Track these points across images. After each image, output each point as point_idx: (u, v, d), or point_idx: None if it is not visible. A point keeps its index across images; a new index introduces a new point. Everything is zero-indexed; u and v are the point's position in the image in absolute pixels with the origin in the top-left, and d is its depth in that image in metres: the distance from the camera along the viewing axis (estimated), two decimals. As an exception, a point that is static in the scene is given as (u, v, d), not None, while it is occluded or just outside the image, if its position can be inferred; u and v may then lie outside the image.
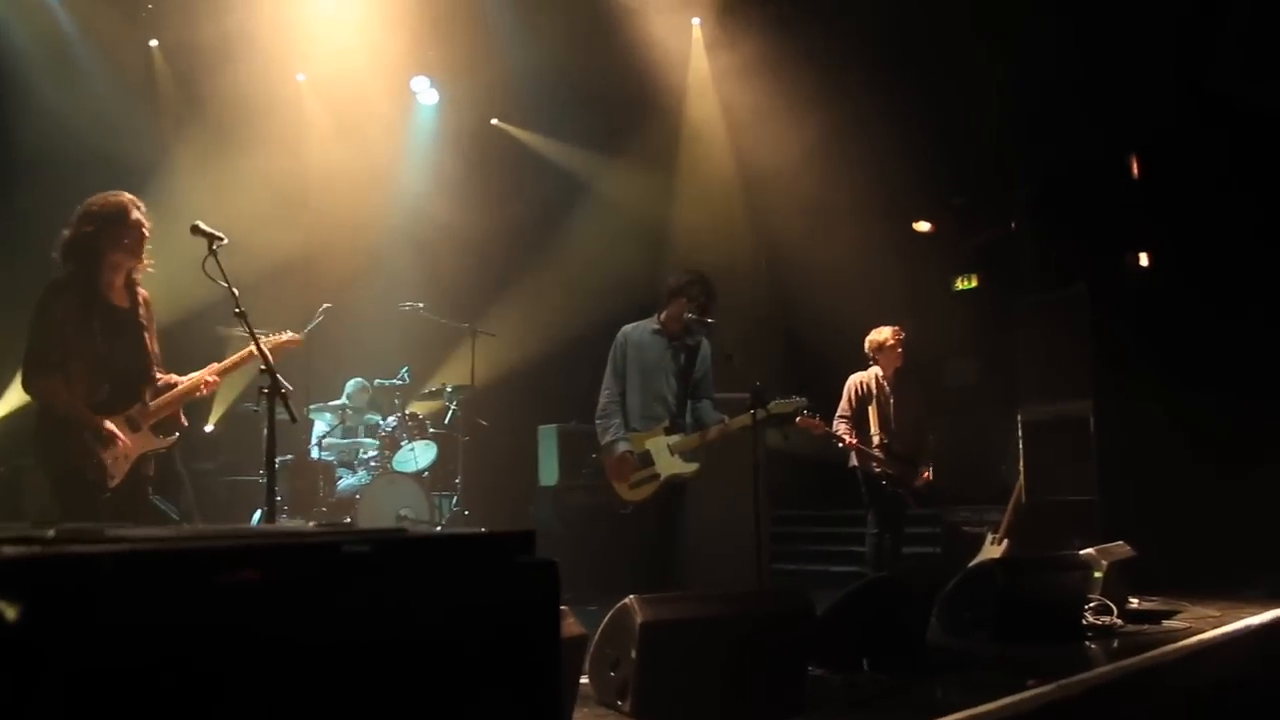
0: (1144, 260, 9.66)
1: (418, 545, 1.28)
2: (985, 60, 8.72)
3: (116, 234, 4.29)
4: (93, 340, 4.24)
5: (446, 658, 1.23)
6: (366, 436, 8.71)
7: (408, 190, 10.53)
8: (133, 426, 4.32)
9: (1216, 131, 8.54)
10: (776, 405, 5.68)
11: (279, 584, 1.09)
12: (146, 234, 4.38)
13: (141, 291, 4.52)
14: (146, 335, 4.48)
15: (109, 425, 4.21)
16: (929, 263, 10.71)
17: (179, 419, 4.60)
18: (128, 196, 4.37)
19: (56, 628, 0.94)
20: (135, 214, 4.33)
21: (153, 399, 4.44)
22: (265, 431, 7.67)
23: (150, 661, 1.00)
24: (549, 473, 8.54)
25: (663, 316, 5.77)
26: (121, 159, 8.39)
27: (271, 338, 4.58)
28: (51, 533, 1.34)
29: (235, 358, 4.60)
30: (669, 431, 5.63)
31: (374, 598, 1.17)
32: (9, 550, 0.94)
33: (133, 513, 4.31)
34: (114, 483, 4.23)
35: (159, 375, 4.55)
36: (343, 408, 8.63)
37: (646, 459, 5.56)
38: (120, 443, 4.24)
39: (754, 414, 5.53)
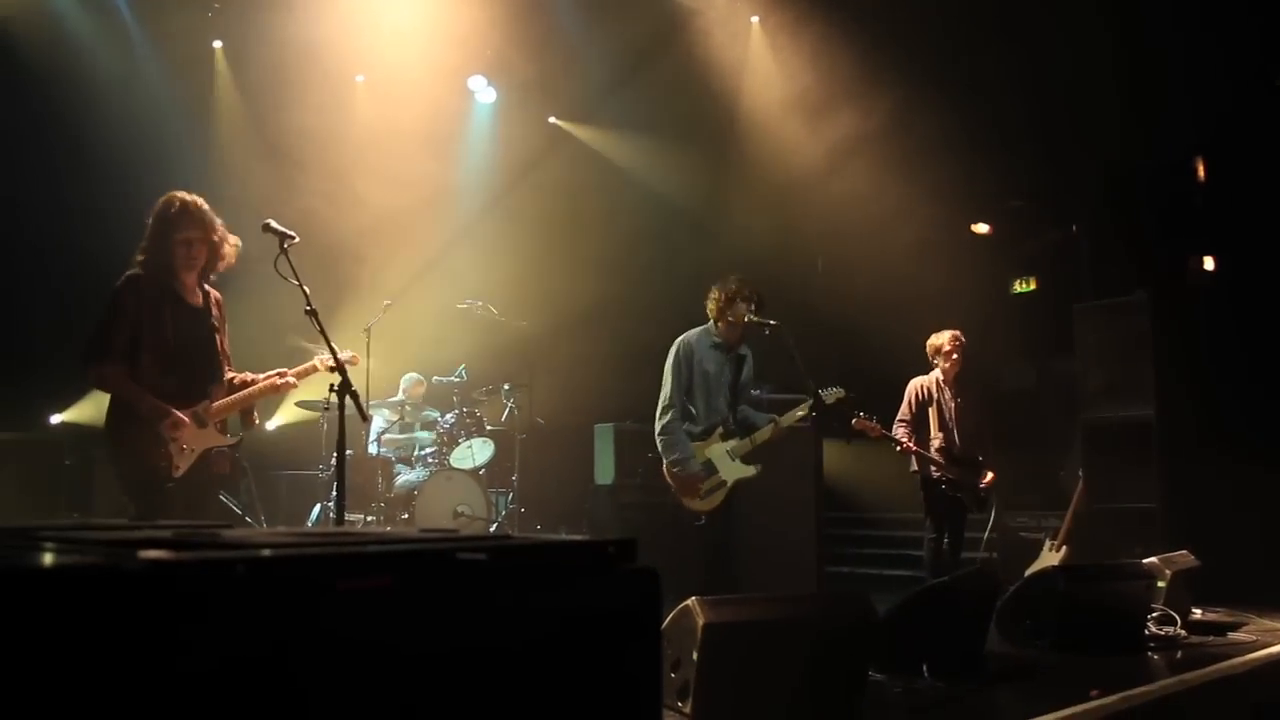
0: (1208, 264, 9.49)
1: (527, 552, 1.31)
2: (1047, 59, 8.62)
3: (176, 226, 4.40)
4: (164, 332, 4.34)
5: (554, 664, 1.26)
6: (424, 432, 8.81)
7: (466, 188, 10.63)
8: (198, 422, 4.40)
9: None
10: (826, 395, 5.66)
11: (397, 589, 1.12)
12: (206, 217, 4.46)
13: (214, 293, 4.63)
14: (218, 335, 4.59)
15: (168, 408, 4.29)
16: (987, 265, 10.59)
17: (252, 416, 4.69)
18: (177, 192, 4.48)
19: (195, 630, 0.98)
20: (186, 204, 4.44)
21: (221, 398, 4.52)
22: (325, 427, 7.90)
23: (277, 662, 1.04)
24: (605, 471, 8.58)
25: (720, 327, 5.77)
26: (185, 159, 8.59)
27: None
28: (169, 533, 1.39)
29: (310, 363, 4.68)
30: (724, 438, 5.67)
31: (486, 604, 1.20)
32: (153, 555, 0.98)
33: (199, 506, 4.38)
34: (178, 474, 4.31)
35: (233, 374, 4.65)
36: (401, 404, 8.74)
37: (710, 468, 5.63)
38: (183, 433, 4.32)
39: (812, 411, 5.55)
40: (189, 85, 9.44)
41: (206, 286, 4.59)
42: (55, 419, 8.64)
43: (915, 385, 7.11)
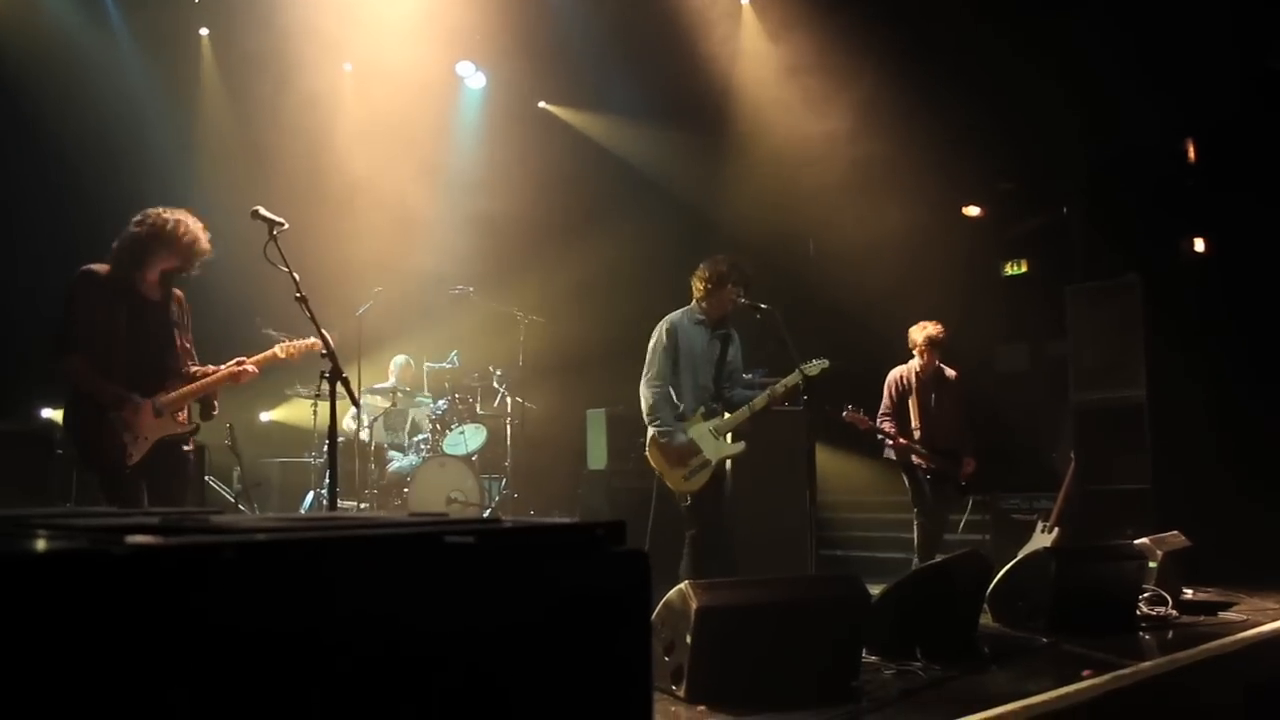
0: (1200, 246, 9.50)
1: (515, 535, 1.31)
2: (1039, 41, 8.60)
3: (163, 250, 4.47)
4: (117, 326, 4.40)
5: (543, 646, 1.26)
6: (416, 419, 8.81)
7: (456, 174, 10.60)
8: (155, 412, 4.45)
9: (1277, 114, 8.36)
10: (808, 367, 5.61)
11: (386, 574, 1.12)
12: (197, 250, 4.51)
13: (176, 291, 4.66)
14: (176, 331, 4.62)
15: (125, 393, 4.35)
16: (978, 247, 10.59)
17: (212, 406, 4.70)
18: (181, 218, 4.50)
19: (182, 615, 0.97)
20: (186, 237, 4.47)
21: (175, 389, 4.55)
22: (315, 414, 7.88)
23: (265, 647, 1.04)
24: (597, 456, 8.59)
25: (705, 306, 5.75)
26: (171, 147, 8.54)
27: (297, 342, 4.70)
28: (157, 519, 1.38)
29: (270, 351, 4.71)
30: (706, 417, 5.66)
31: (474, 587, 1.20)
32: (140, 540, 0.97)
33: (162, 493, 4.43)
34: (131, 461, 4.36)
35: (194, 367, 4.68)
36: (393, 390, 8.73)
37: (694, 447, 5.60)
38: (141, 421, 4.38)
39: (802, 385, 5.55)
40: (174, 73, 9.38)
41: (170, 285, 4.61)
42: (45, 413, 8.59)
43: (894, 376, 7.13)
